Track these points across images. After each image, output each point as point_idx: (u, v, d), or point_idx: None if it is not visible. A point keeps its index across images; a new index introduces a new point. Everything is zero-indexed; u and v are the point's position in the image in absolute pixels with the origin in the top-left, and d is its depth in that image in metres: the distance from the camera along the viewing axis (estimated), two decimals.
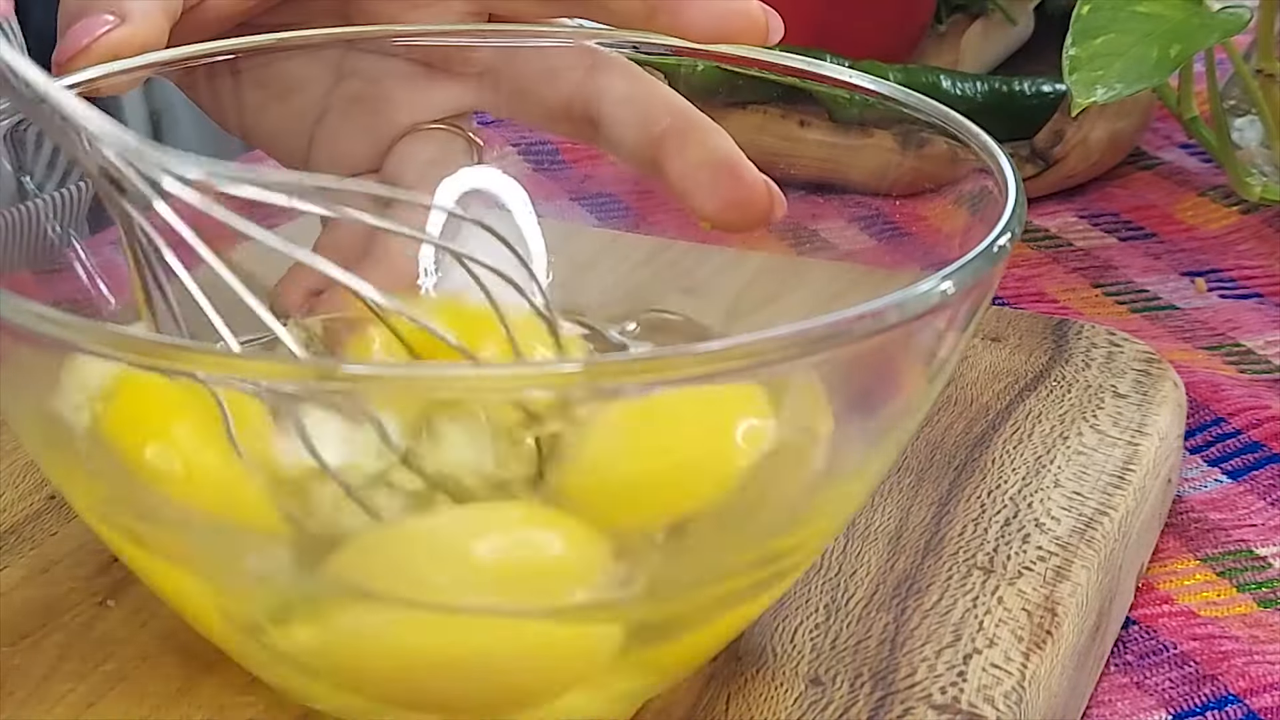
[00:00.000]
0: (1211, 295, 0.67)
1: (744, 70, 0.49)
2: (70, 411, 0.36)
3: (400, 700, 0.38)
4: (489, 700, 0.38)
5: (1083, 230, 0.72)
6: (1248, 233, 0.71)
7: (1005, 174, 0.41)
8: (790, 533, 0.39)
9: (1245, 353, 0.62)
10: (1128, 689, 0.47)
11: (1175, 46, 0.61)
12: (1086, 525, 0.47)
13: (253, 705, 0.41)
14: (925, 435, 0.51)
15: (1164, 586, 0.50)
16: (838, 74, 0.47)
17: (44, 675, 0.41)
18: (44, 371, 0.36)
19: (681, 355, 0.35)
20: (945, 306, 0.37)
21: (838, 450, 0.39)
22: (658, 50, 0.49)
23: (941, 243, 0.44)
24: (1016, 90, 0.76)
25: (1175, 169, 0.77)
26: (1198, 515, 0.53)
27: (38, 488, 0.48)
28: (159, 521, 0.38)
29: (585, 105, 0.50)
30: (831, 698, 0.41)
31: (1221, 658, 0.47)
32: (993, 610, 0.44)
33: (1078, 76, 0.61)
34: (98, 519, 0.39)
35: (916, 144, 0.46)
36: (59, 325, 0.35)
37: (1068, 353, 0.55)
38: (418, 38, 0.51)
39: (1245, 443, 0.56)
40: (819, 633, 0.43)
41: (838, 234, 0.51)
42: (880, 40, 0.79)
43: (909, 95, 0.46)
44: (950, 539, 0.47)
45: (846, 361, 0.36)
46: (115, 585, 0.44)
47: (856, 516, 0.47)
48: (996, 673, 0.42)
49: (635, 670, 0.39)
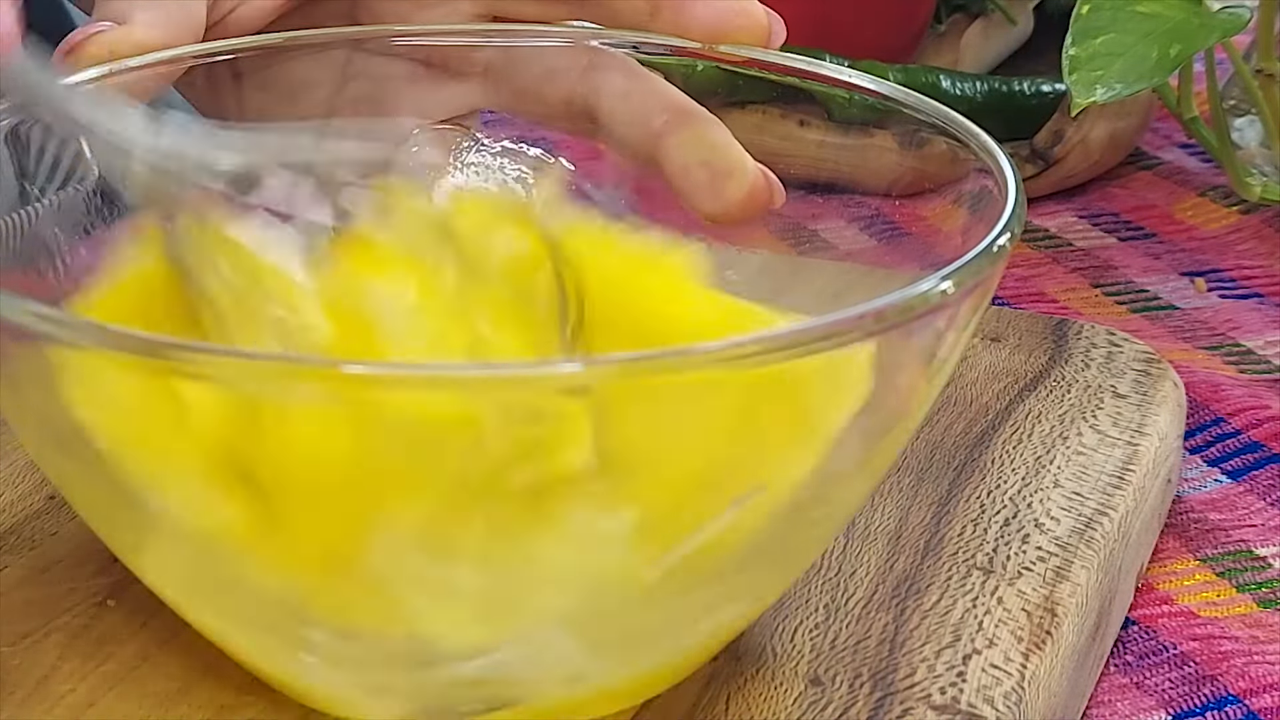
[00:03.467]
0: (1211, 295, 0.67)
1: (744, 70, 0.49)
2: (70, 411, 0.36)
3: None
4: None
5: (1083, 230, 0.72)
6: (1248, 233, 0.71)
7: (1005, 174, 0.41)
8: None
9: (1245, 353, 0.62)
10: (1128, 689, 0.47)
11: (1175, 46, 0.61)
12: (1086, 525, 0.47)
13: (253, 705, 0.41)
14: (925, 435, 0.51)
15: (1164, 587, 0.50)
16: (838, 74, 0.48)
17: (44, 675, 0.41)
18: (44, 371, 0.36)
19: (681, 355, 0.35)
20: (945, 306, 0.37)
21: (838, 450, 0.39)
22: (658, 50, 0.49)
23: (941, 243, 0.44)
24: (1016, 90, 0.76)
25: (1175, 169, 0.77)
26: (1197, 515, 0.53)
27: (38, 488, 0.48)
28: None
29: (584, 102, 0.50)
30: (831, 698, 0.41)
31: (1221, 658, 0.47)
32: (992, 611, 0.44)
33: (1077, 76, 0.61)
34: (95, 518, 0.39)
35: (916, 144, 0.46)
36: (59, 325, 0.35)
37: (1067, 353, 0.55)
38: (419, 38, 0.51)
39: (1245, 443, 0.56)
40: (819, 633, 0.43)
41: (838, 234, 0.51)
42: (880, 40, 0.79)
43: (909, 95, 0.46)
44: (950, 539, 0.47)
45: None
46: (115, 585, 0.44)
47: (856, 516, 0.47)
48: (996, 673, 0.42)
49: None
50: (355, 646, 0.38)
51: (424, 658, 0.38)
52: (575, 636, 0.38)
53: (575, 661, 0.38)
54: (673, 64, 0.50)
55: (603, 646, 0.38)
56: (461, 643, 0.38)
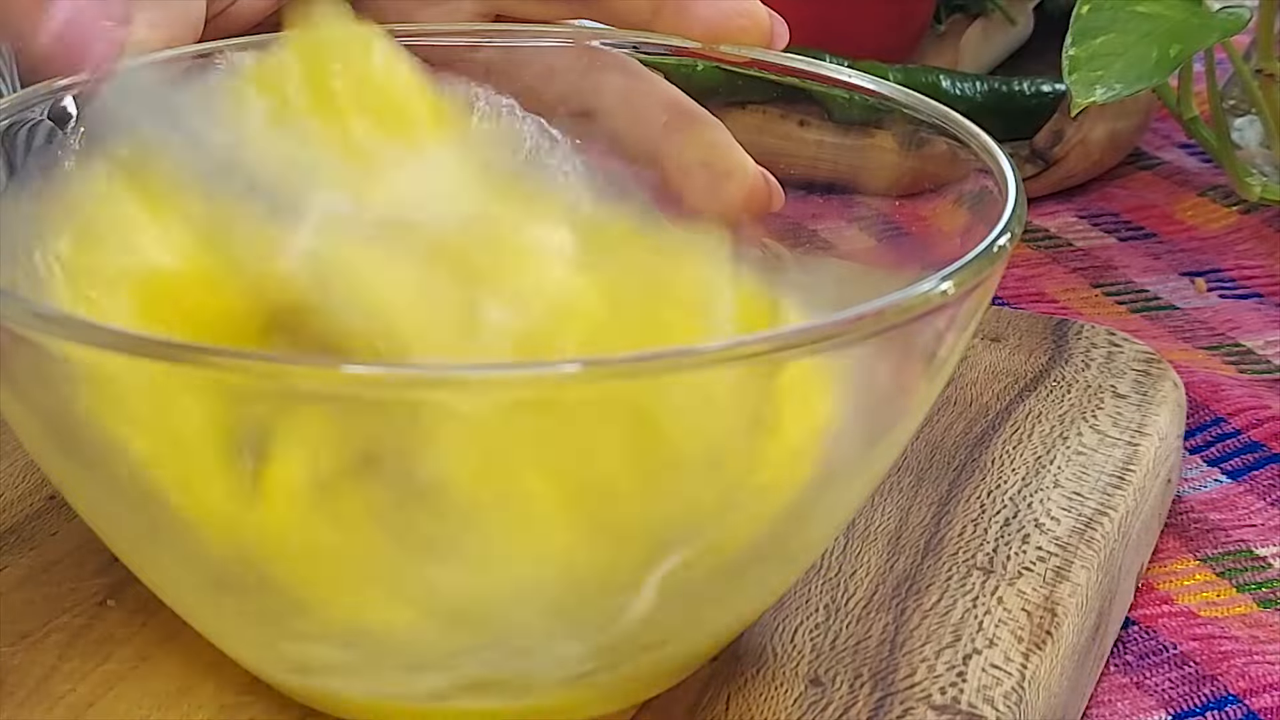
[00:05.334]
0: (1211, 295, 0.67)
1: (744, 70, 0.49)
2: (70, 410, 0.36)
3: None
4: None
5: (1083, 230, 0.72)
6: (1248, 233, 0.71)
7: (1005, 174, 0.41)
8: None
9: (1245, 353, 0.62)
10: (1128, 689, 0.47)
11: (1175, 46, 0.61)
12: (1086, 525, 0.47)
13: (253, 705, 0.41)
14: (925, 435, 0.51)
15: (1164, 586, 0.50)
16: (838, 74, 0.48)
17: (44, 675, 0.41)
18: (44, 371, 0.36)
19: (681, 354, 0.35)
20: (945, 306, 0.37)
21: (837, 450, 0.39)
22: (657, 50, 0.49)
23: (941, 243, 0.44)
24: (1016, 90, 0.76)
25: (1175, 169, 0.77)
26: (1198, 515, 0.53)
27: (38, 488, 0.48)
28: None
29: (584, 102, 0.50)
30: (831, 698, 0.41)
31: (1221, 658, 0.47)
32: (992, 611, 0.44)
33: (1077, 76, 0.61)
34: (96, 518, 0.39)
35: (916, 144, 0.46)
36: (58, 325, 0.35)
37: (1068, 353, 0.55)
38: (419, 37, 0.51)
39: (1245, 443, 0.56)
40: (819, 633, 0.43)
41: (838, 234, 0.51)
42: (880, 40, 0.79)
43: (909, 95, 0.46)
44: (950, 539, 0.47)
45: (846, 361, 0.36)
46: (115, 585, 0.44)
47: (856, 516, 0.47)
48: (996, 673, 0.42)
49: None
50: (355, 646, 0.38)
51: (423, 658, 0.38)
52: (574, 638, 0.38)
53: (575, 662, 0.38)
54: (673, 64, 0.50)
55: (602, 647, 0.38)
56: (457, 643, 0.38)
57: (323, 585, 0.37)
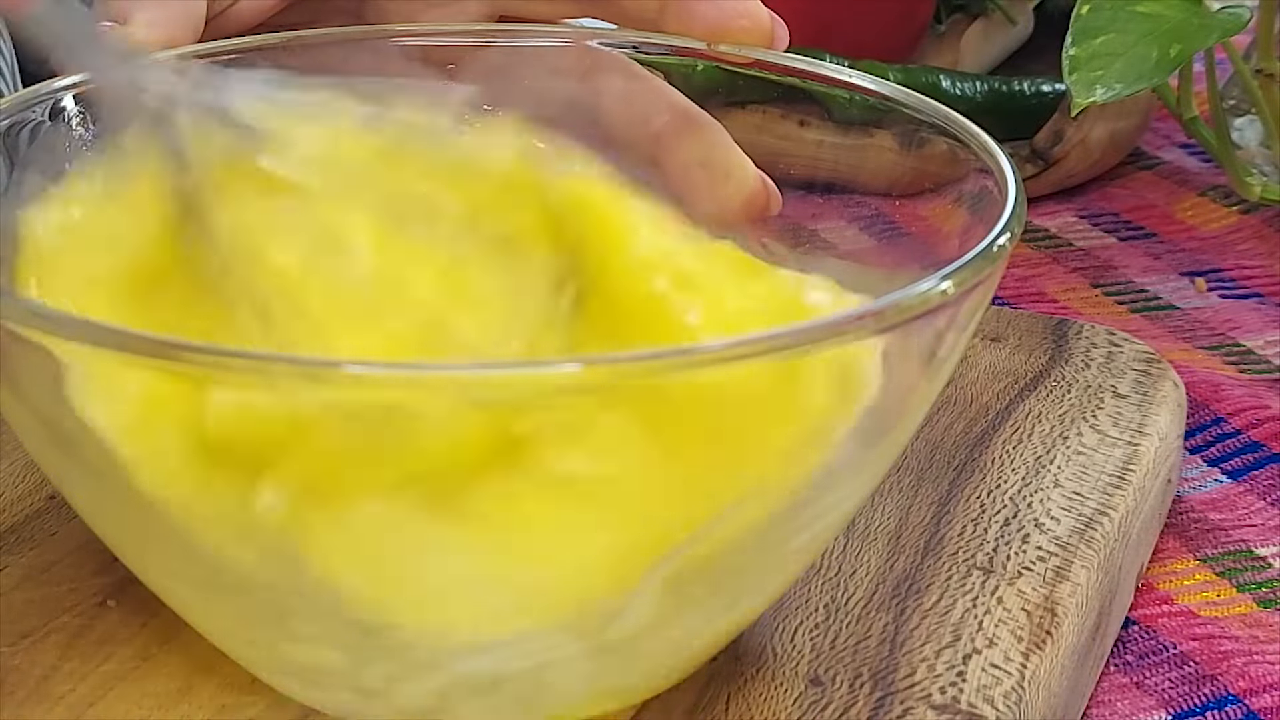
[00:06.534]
0: (1211, 295, 0.67)
1: (744, 70, 0.49)
2: (70, 411, 0.36)
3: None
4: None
5: (1083, 230, 0.72)
6: (1248, 233, 0.71)
7: (1005, 174, 0.41)
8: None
9: (1245, 353, 0.62)
10: (1128, 689, 0.47)
11: (1175, 46, 0.61)
12: (1086, 525, 0.47)
13: (253, 705, 0.41)
14: (925, 435, 0.51)
15: (1164, 586, 0.50)
16: (838, 74, 0.48)
17: (44, 675, 0.41)
18: (44, 371, 0.36)
19: (681, 354, 0.35)
20: (945, 306, 0.37)
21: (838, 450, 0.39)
22: (658, 50, 0.49)
23: (941, 243, 0.44)
24: (1016, 90, 0.76)
25: (1175, 169, 0.77)
26: (1198, 515, 0.53)
27: (38, 488, 0.48)
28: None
29: (584, 103, 0.50)
30: (831, 698, 0.41)
31: (1221, 658, 0.47)
32: (992, 610, 0.44)
33: (1077, 76, 0.61)
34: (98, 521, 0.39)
35: (916, 144, 0.46)
36: (58, 325, 0.35)
37: (1068, 353, 0.55)
38: (419, 38, 0.51)
39: (1245, 443, 0.56)
40: (819, 633, 0.43)
41: (838, 234, 0.51)
42: (880, 40, 0.79)
43: (909, 95, 0.46)
44: (950, 539, 0.47)
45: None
46: (115, 585, 0.44)
47: (856, 516, 0.47)
48: (996, 673, 0.42)
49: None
50: (355, 648, 0.38)
51: (421, 658, 0.38)
52: (574, 638, 0.38)
53: (575, 662, 0.38)
54: (673, 64, 0.50)
55: (603, 648, 0.38)
56: (458, 643, 0.38)
57: (323, 586, 0.37)
